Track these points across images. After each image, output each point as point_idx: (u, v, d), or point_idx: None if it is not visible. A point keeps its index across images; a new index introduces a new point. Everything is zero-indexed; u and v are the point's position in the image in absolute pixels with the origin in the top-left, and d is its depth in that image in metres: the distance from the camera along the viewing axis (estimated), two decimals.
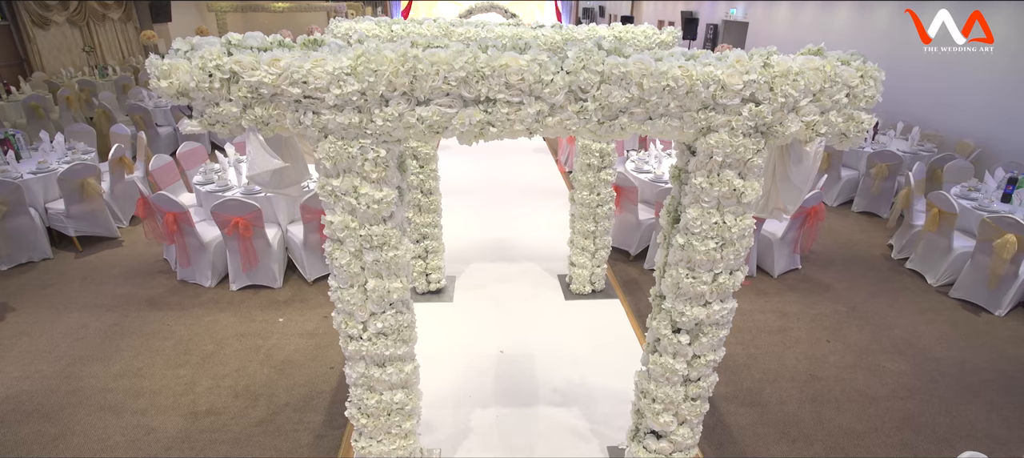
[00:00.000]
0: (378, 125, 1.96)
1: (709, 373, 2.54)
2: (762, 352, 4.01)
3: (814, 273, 5.18)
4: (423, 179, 4.41)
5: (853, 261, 5.45)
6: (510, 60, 1.91)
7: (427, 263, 4.69)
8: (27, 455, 3.08)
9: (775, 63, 1.95)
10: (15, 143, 6.03)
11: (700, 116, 2.00)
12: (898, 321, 4.44)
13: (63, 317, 4.42)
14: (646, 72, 1.91)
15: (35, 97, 9.81)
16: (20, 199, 5.20)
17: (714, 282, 2.28)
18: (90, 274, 5.15)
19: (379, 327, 2.29)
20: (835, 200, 6.85)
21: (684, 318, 2.34)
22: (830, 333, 4.26)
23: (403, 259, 2.21)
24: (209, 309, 4.55)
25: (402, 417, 2.51)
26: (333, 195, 2.09)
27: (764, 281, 5.02)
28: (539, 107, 1.96)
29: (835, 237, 6.01)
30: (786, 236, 4.95)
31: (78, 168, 5.49)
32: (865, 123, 2.04)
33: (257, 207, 4.52)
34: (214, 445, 3.17)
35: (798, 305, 4.63)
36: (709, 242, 2.19)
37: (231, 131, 2.02)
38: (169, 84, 1.90)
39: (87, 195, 5.60)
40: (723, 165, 2.08)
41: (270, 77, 1.88)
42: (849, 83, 1.99)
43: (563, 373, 3.77)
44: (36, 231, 5.41)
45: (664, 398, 2.53)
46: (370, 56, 1.89)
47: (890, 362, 3.94)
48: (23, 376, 3.72)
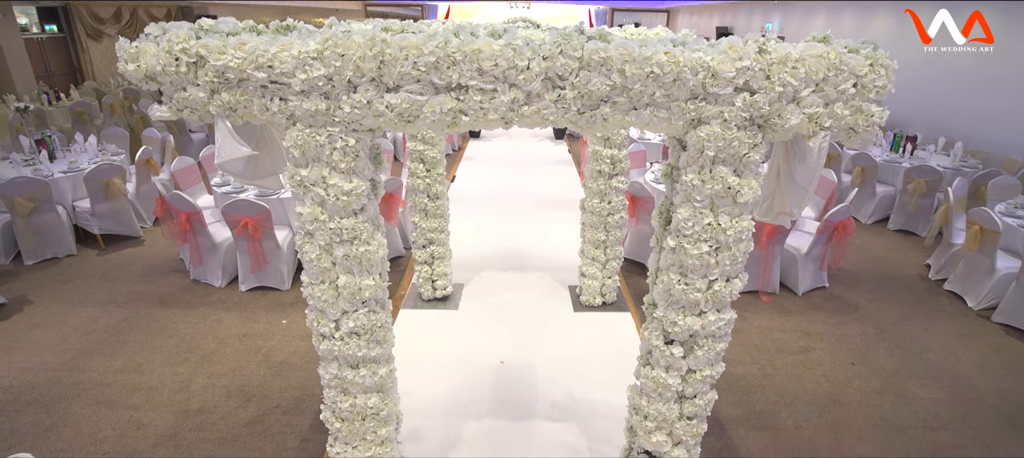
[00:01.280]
0: (346, 112, 1.88)
1: (706, 390, 2.34)
2: (779, 373, 3.75)
3: (842, 292, 4.86)
4: (429, 183, 4.34)
5: (886, 280, 5.09)
6: (483, 45, 1.80)
7: (433, 269, 4.60)
8: (18, 445, 3.10)
9: (772, 49, 1.78)
10: (50, 144, 6.26)
11: (689, 106, 1.85)
12: (933, 345, 4.09)
13: (76, 311, 4.50)
14: (628, 58, 1.77)
15: (81, 103, 10.29)
16: (48, 196, 5.37)
17: (709, 290, 2.10)
18: (109, 271, 5.26)
19: (351, 326, 2.19)
20: (869, 217, 6.46)
21: (677, 328, 2.17)
22: (856, 355, 3.95)
23: (375, 255, 2.11)
24: (215, 309, 4.56)
25: (377, 423, 2.40)
26: (302, 186, 2.02)
27: (787, 298, 4.74)
28: (514, 95, 1.84)
29: (867, 255, 5.64)
30: (811, 251, 4.66)
31: (104, 168, 5.65)
32: (876, 116, 1.85)
33: (267, 208, 4.53)
34: (200, 444, 3.12)
35: (823, 325, 4.33)
36: (702, 245, 2.02)
37: (200, 117, 1.98)
38: (136, 68, 1.87)
39: (112, 194, 5.75)
40: (716, 161, 1.92)
41: (236, 61, 1.83)
42: (856, 72, 1.81)
43: (564, 386, 3.59)
44: (62, 228, 5.57)
45: (657, 415, 2.35)
46: (337, 40, 1.82)
47: (922, 389, 3.61)
48: (29, 367, 3.77)
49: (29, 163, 5.95)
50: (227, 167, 2.05)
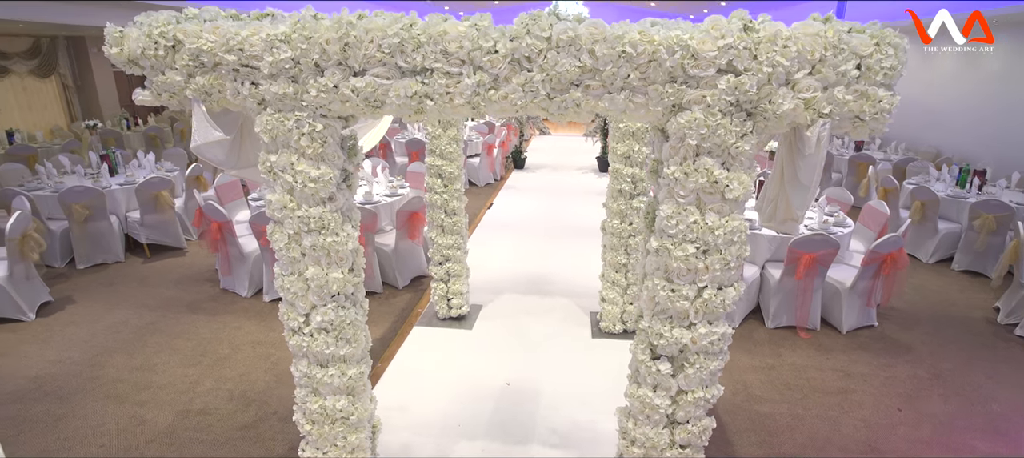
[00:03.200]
0: (312, 96, 1.86)
1: (700, 415, 2.10)
2: (812, 414, 3.36)
3: (893, 332, 4.38)
4: (447, 198, 4.29)
5: (946, 322, 4.56)
6: (449, 26, 1.74)
7: (449, 287, 4.51)
8: (28, 432, 3.19)
9: (759, 26, 1.62)
10: (113, 159, 6.73)
11: (668, 90, 1.70)
12: (998, 395, 3.58)
13: (111, 313, 4.70)
14: (599, 37, 1.66)
15: (154, 128, 11.12)
16: (102, 205, 5.73)
17: (698, 298, 1.90)
18: (148, 277, 5.50)
19: (319, 321, 2.12)
20: (930, 256, 5.86)
21: (663, 341, 1.96)
22: (904, 400, 3.50)
23: (343, 246, 2.04)
24: (237, 316, 4.65)
25: (347, 428, 2.29)
26: (272, 172, 1.99)
27: (829, 335, 4.31)
28: (479, 78, 1.76)
29: (925, 295, 5.09)
30: (857, 286, 4.24)
31: (154, 181, 5.99)
32: (884, 101, 1.63)
33: None
34: (193, 444, 3.11)
35: (867, 366, 3.89)
36: (687, 246, 1.83)
37: (179, 102, 2.00)
38: (119, 52, 1.92)
39: (160, 207, 6.07)
40: (700, 151, 1.74)
41: (209, 44, 1.84)
42: (859, 52, 1.61)
43: (568, 413, 3.37)
44: (113, 236, 5.91)
45: (644, 441, 2.12)
46: (305, 23, 1.81)
47: (982, 442, 3.14)
48: (57, 360, 3.94)
49: (90, 175, 6.39)
50: (205, 152, 2.06)
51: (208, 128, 1.98)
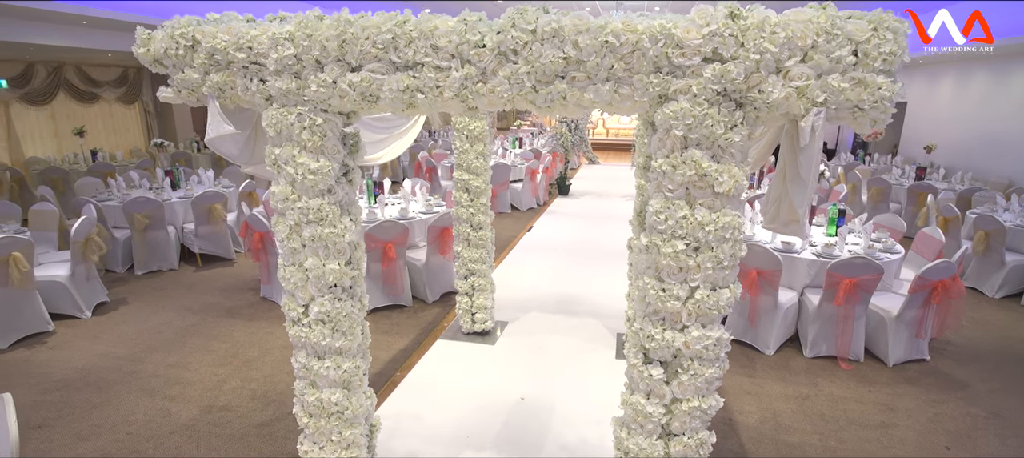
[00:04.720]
0: (313, 91, 1.94)
1: (697, 427, 1.99)
2: (846, 447, 3.11)
3: (946, 367, 4.01)
4: (473, 212, 4.34)
5: (1008, 360, 4.13)
6: (439, 22, 1.79)
7: (473, 301, 4.52)
8: (67, 416, 3.40)
9: (746, 13, 1.58)
10: (176, 174, 7.23)
11: (653, 81, 1.67)
12: None
13: (157, 314, 4.98)
14: (582, 28, 1.66)
15: None
16: (161, 216, 6.14)
17: (690, 299, 1.82)
18: (196, 284, 5.81)
19: (317, 312, 2.17)
20: (996, 291, 5.36)
21: (655, 343, 1.89)
22: (953, 439, 3.18)
23: (340, 238, 2.10)
24: (272, 323, 4.82)
25: (342, 423, 2.31)
26: (276, 164, 2.09)
27: (873, 367, 4.00)
28: (467, 71, 1.79)
29: (987, 330, 4.65)
30: (904, 315, 3.93)
31: (209, 194, 6.38)
32: (884, 88, 1.54)
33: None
34: (210, 438, 3.21)
35: (913, 401, 3.57)
36: (677, 242, 1.76)
37: (198, 98, 2.14)
38: (145, 52, 2.08)
39: (213, 219, 6.44)
40: (687, 142, 1.70)
41: (222, 43, 1.97)
42: (855, 37, 1.53)
43: (579, 430, 3.27)
44: (169, 245, 6.30)
45: (638, 452, 2.02)
46: (308, 22, 1.91)
47: None
48: (104, 353, 4.20)
49: (155, 189, 6.88)
50: (218, 146, 2.19)
51: (220, 122, 2.11)
